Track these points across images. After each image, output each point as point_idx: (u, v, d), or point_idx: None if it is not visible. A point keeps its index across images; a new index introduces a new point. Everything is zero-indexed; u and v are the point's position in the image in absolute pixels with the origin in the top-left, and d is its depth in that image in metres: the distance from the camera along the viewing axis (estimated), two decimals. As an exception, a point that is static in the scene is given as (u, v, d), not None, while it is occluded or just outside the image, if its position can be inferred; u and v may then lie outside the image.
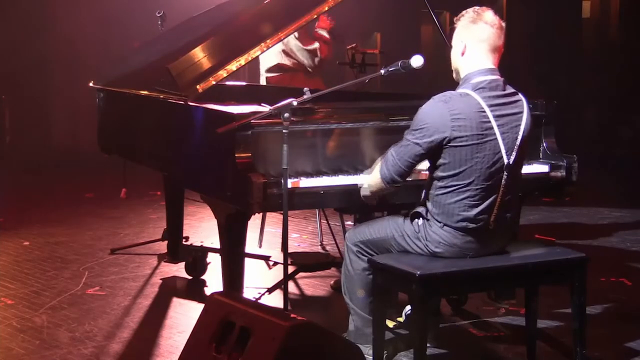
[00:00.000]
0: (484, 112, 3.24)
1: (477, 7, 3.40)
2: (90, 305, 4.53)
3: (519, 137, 3.31)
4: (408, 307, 3.82)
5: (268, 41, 3.98)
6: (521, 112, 3.34)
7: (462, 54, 3.36)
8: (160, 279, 5.06)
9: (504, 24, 3.38)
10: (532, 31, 10.17)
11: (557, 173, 4.06)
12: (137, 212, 6.98)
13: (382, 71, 3.56)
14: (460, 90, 3.32)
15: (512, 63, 9.87)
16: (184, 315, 4.38)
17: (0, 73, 9.85)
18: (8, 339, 4.01)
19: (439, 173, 3.31)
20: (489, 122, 3.24)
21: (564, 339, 3.96)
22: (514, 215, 3.43)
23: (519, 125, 3.32)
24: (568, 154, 4.09)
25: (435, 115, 3.23)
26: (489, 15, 3.36)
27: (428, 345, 3.46)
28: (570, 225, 6.67)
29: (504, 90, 3.33)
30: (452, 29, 3.43)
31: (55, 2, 10.20)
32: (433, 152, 3.27)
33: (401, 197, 3.61)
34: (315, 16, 4.13)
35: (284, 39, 4.11)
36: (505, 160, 3.28)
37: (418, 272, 3.20)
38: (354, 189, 3.59)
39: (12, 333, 4.09)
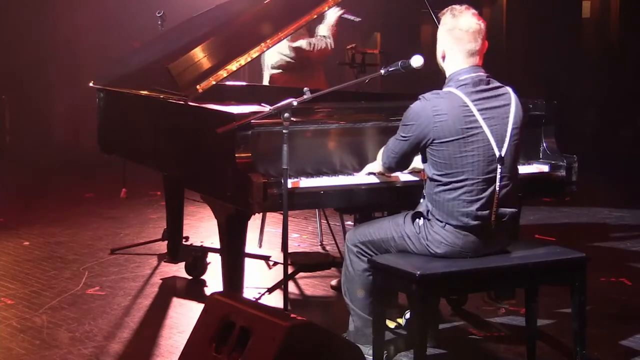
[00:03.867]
0: (467, 107, 3.30)
1: (455, 9, 3.41)
2: (90, 305, 4.53)
3: (509, 129, 3.36)
4: (409, 312, 3.82)
5: (268, 41, 3.98)
6: (508, 105, 3.39)
7: (443, 58, 3.46)
8: (160, 279, 5.06)
9: (482, 26, 3.38)
10: (532, 31, 10.16)
11: (557, 173, 4.06)
12: (137, 212, 6.98)
13: (382, 71, 3.58)
14: (444, 89, 3.40)
15: (512, 63, 9.92)
16: (184, 315, 4.38)
17: (0, 73, 9.86)
18: (8, 339, 4.01)
19: (433, 171, 3.36)
20: (473, 116, 3.30)
21: (564, 339, 3.96)
22: (514, 215, 3.43)
23: (507, 117, 3.37)
24: (568, 154, 4.10)
25: (418, 114, 3.34)
26: (465, 20, 3.37)
27: (428, 345, 3.46)
28: (570, 225, 6.67)
29: (488, 84, 3.39)
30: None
31: (55, 3, 10.20)
32: (419, 148, 3.38)
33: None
34: (315, 16, 4.13)
35: (284, 38, 4.10)
36: (497, 153, 3.32)
37: (418, 272, 3.20)
38: (354, 189, 3.60)
39: (12, 333, 4.09)
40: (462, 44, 3.37)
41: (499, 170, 3.32)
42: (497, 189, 3.33)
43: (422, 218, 3.42)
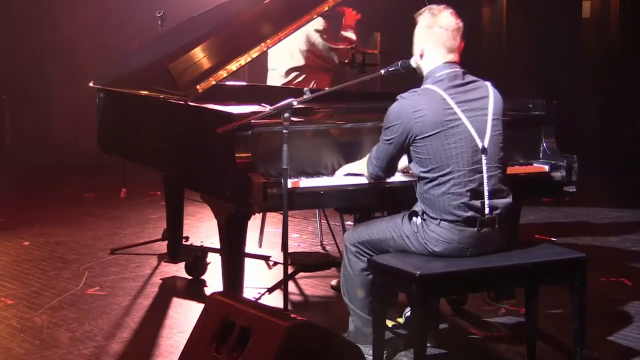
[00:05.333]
0: (445, 100, 3.34)
1: (434, 8, 3.48)
2: (90, 305, 4.53)
3: (489, 120, 3.39)
4: (408, 309, 3.82)
5: (268, 41, 3.98)
6: (486, 97, 3.44)
7: (421, 56, 3.48)
8: (160, 279, 5.06)
9: (460, 24, 3.46)
10: (532, 31, 10.16)
11: (557, 173, 4.06)
12: (137, 212, 6.98)
13: (382, 71, 3.59)
14: (422, 87, 3.44)
15: (512, 63, 9.91)
16: (184, 315, 4.38)
17: (0, 73, 9.86)
18: (8, 339, 4.01)
19: (419, 169, 3.39)
20: (452, 109, 3.34)
21: (564, 339, 3.96)
22: (508, 207, 3.44)
23: (487, 109, 3.41)
24: (568, 154, 4.10)
25: (398, 113, 3.37)
26: (444, 18, 3.45)
27: (428, 345, 3.46)
28: (570, 225, 6.67)
29: (464, 79, 3.43)
30: (413, 26, 3.52)
31: (55, 2, 10.20)
32: (405, 148, 3.40)
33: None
34: (316, 16, 4.12)
35: (284, 38, 4.09)
36: (480, 144, 3.36)
37: (418, 272, 3.20)
38: (354, 189, 3.59)
39: (12, 333, 4.09)
40: (442, 41, 3.42)
41: (484, 161, 3.36)
42: (485, 179, 3.35)
43: (418, 217, 3.43)
